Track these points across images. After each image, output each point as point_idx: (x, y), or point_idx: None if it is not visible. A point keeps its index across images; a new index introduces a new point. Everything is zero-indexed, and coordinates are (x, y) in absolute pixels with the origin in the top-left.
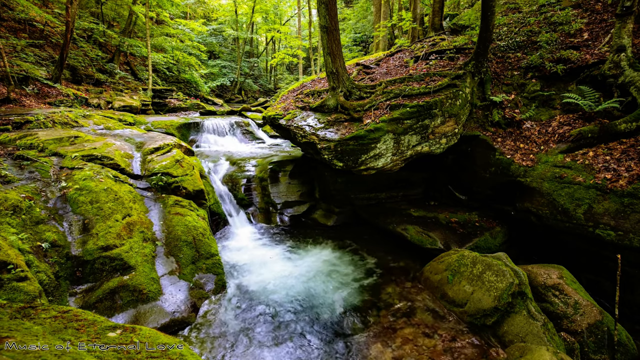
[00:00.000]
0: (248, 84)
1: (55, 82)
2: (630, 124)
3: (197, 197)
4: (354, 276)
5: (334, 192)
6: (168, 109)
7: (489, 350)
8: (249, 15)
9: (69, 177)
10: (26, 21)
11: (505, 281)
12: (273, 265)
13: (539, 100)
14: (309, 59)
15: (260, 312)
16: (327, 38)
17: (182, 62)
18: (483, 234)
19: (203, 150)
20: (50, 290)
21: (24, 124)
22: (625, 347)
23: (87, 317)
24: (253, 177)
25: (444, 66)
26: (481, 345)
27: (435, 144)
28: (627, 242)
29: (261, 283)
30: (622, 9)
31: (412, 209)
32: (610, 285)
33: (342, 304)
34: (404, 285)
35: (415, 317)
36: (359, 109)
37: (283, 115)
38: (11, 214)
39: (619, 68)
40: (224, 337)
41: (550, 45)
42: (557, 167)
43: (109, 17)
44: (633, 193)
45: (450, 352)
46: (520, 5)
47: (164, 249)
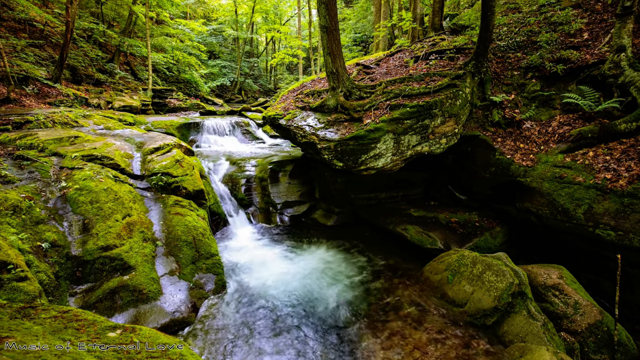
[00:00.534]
0: (248, 84)
1: (55, 82)
2: (630, 124)
3: (197, 197)
4: (353, 276)
5: (334, 192)
6: (168, 109)
7: (471, 341)
8: (249, 15)
9: (69, 177)
10: (26, 21)
11: (505, 281)
12: (273, 265)
13: (539, 100)
14: (309, 59)
15: (260, 312)
16: (327, 38)
17: (182, 62)
18: (483, 234)
19: (203, 150)
20: (50, 290)
21: (24, 124)
22: (625, 347)
23: (87, 317)
24: (253, 177)
25: (444, 66)
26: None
27: (435, 144)
28: (627, 242)
29: (261, 283)
30: (622, 9)
31: (412, 209)
32: (610, 285)
33: (340, 303)
34: (404, 285)
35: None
36: (359, 109)
37: (283, 115)
38: (11, 214)
39: (619, 68)
40: (224, 337)
41: (550, 45)
42: (557, 167)
43: (109, 17)
44: (633, 193)
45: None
46: (520, 5)
47: (164, 249)
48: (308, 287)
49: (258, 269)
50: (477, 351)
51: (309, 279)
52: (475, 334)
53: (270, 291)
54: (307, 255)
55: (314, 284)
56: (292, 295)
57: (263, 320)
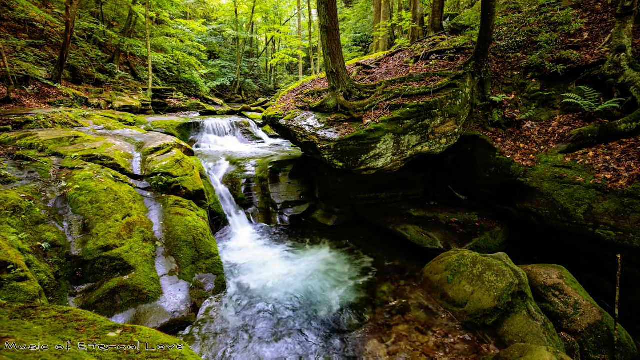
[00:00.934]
0: (248, 84)
1: (55, 82)
2: (630, 124)
3: (197, 197)
4: (353, 276)
5: (334, 192)
6: (168, 109)
7: (480, 345)
8: (249, 15)
9: (69, 177)
10: (26, 21)
11: (505, 281)
12: (273, 265)
13: (539, 100)
14: (309, 59)
15: (260, 312)
16: (327, 38)
17: (182, 62)
18: (483, 234)
19: (203, 150)
20: (50, 290)
21: (24, 124)
22: (625, 347)
23: (87, 317)
24: (253, 177)
25: (444, 66)
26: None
27: (435, 144)
28: (627, 242)
29: (261, 283)
30: (622, 9)
31: (412, 209)
32: (610, 285)
33: (344, 307)
34: (404, 285)
35: (410, 314)
36: (359, 109)
37: (283, 115)
38: (11, 214)
39: (619, 68)
40: (224, 337)
41: (550, 45)
42: (557, 167)
43: (109, 17)
44: (633, 193)
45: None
46: (520, 5)
47: (164, 249)
48: (308, 288)
49: (258, 269)
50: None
51: (309, 279)
52: (483, 337)
53: (271, 292)
54: (307, 256)
55: (314, 284)
56: (292, 296)
57: (264, 321)
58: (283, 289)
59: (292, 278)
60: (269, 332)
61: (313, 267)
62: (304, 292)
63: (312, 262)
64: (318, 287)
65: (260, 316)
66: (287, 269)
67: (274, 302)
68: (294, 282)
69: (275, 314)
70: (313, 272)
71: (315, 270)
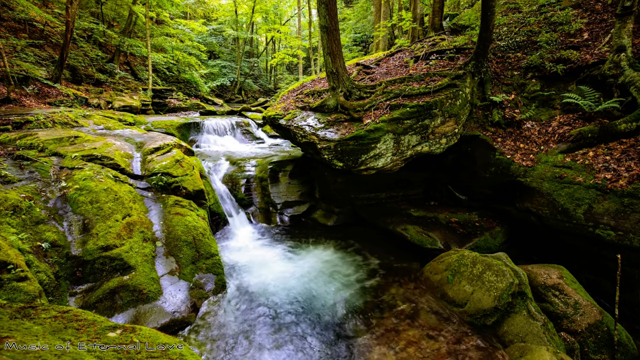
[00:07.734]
0: (248, 84)
1: (55, 82)
2: (630, 124)
3: (197, 197)
4: (354, 276)
5: (334, 192)
6: (168, 109)
7: (494, 353)
8: (249, 15)
9: (69, 177)
10: (26, 21)
11: (505, 281)
12: (273, 266)
13: (539, 100)
14: (309, 59)
15: (260, 312)
16: (327, 38)
17: (182, 62)
18: (483, 234)
19: (203, 150)
20: (50, 290)
21: (24, 124)
22: (625, 347)
23: (87, 317)
24: (253, 177)
25: (444, 66)
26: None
27: (435, 144)
28: (627, 242)
29: (261, 283)
30: (622, 9)
31: (412, 209)
32: (610, 285)
33: (342, 305)
34: (404, 285)
35: (419, 318)
36: (359, 109)
37: (283, 115)
38: (11, 214)
39: (619, 68)
40: (224, 337)
41: (550, 45)
42: (557, 167)
43: (109, 17)
44: (633, 193)
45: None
46: (520, 5)
47: (164, 249)
48: (310, 290)
49: (258, 269)
50: (468, 347)
51: (311, 281)
52: (469, 330)
53: (270, 291)
54: (307, 256)
55: (313, 283)
56: (292, 296)
57: (263, 318)
58: (283, 289)
59: (293, 279)
60: (268, 329)
61: (314, 268)
62: (305, 294)
63: (313, 262)
64: (321, 289)
65: (259, 314)
66: (288, 269)
67: (274, 303)
68: (295, 283)
69: (273, 311)
70: (314, 273)
71: (317, 270)
